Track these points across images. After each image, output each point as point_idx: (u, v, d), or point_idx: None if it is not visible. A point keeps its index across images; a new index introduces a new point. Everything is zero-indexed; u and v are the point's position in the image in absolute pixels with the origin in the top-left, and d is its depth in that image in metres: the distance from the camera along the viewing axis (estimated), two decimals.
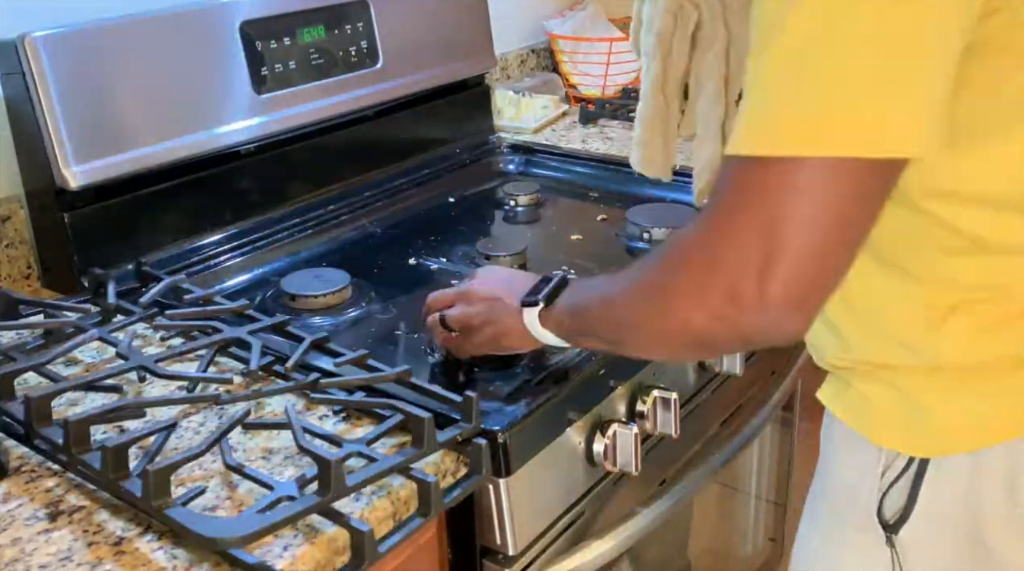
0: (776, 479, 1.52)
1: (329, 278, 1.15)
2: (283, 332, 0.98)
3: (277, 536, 0.71)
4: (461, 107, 1.61)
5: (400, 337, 1.07)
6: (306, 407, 0.89)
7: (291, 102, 1.31)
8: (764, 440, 1.45)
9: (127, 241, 1.17)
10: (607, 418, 0.98)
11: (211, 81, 1.23)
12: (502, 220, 1.44)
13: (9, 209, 1.16)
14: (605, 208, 1.44)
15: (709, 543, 1.46)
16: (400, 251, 1.30)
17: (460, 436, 0.81)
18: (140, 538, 0.72)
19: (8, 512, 0.76)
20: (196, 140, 1.21)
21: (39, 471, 0.81)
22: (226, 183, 1.27)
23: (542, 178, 1.56)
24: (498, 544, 0.89)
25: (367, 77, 1.41)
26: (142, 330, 1.01)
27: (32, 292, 1.18)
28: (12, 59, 1.07)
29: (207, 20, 1.22)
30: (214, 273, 1.22)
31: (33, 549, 0.72)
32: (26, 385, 0.91)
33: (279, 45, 1.30)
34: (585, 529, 1.00)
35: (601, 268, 1.23)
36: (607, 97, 1.86)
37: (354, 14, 1.39)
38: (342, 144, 1.42)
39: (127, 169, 1.15)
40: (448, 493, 0.81)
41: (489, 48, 1.63)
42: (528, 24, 1.92)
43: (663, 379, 1.06)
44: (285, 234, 1.31)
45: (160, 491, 0.71)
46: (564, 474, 0.95)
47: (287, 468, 0.80)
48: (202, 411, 0.88)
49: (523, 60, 1.91)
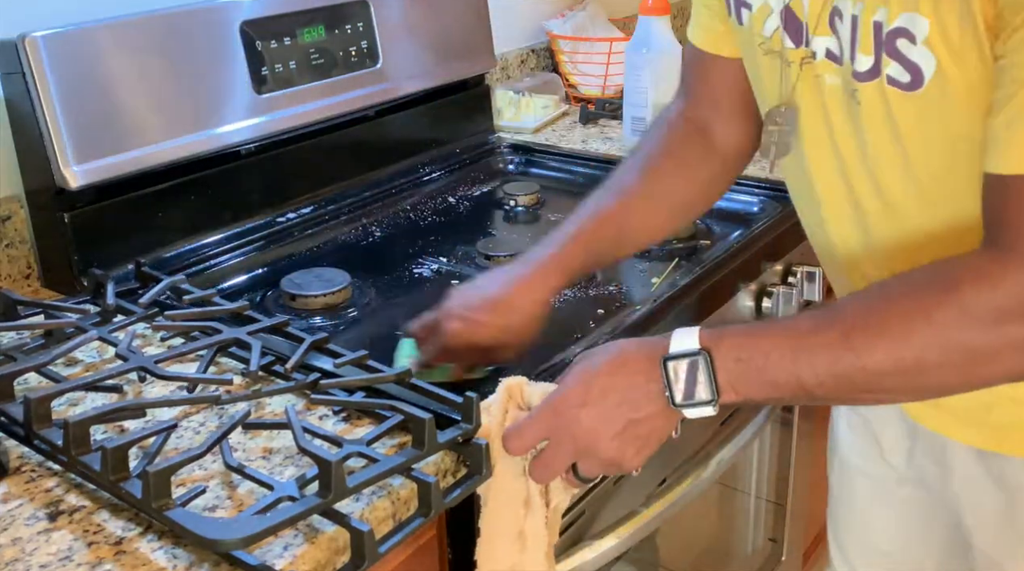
0: (776, 479, 1.52)
1: (329, 278, 1.15)
2: (283, 333, 0.98)
3: (277, 536, 0.71)
4: (461, 107, 1.61)
5: (400, 337, 1.07)
6: (306, 407, 0.89)
7: (291, 102, 1.31)
8: (764, 440, 1.45)
9: (127, 241, 1.17)
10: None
11: (211, 81, 1.23)
12: (502, 220, 1.44)
13: (9, 209, 1.16)
14: None
15: (709, 543, 1.46)
16: (400, 251, 1.30)
17: (461, 437, 0.81)
18: (140, 538, 0.72)
19: (8, 512, 0.76)
20: (196, 140, 1.21)
21: (39, 471, 0.81)
22: (226, 183, 1.27)
23: (542, 178, 1.56)
24: None
25: (367, 77, 1.41)
26: (142, 330, 1.01)
27: (32, 292, 1.18)
28: (12, 59, 1.07)
29: (207, 20, 1.22)
30: (214, 273, 1.22)
31: (33, 549, 0.72)
32: (26, 386, 0.91)
33: (279, 45, 1.30)
34: (585, 529, 1.00)
35: (601, 268, 1.23)
36: (607, 97, 1.86)
37: (354, 14, 1.39)
38: (342, 144, 1.42)
39: (127, 169, 1.15)
40: (448, 493, 0.81)
41: (489, 48, 1.63)
42: (528, 24, 1.92)
43: None
44: (285, 234, 1.31)
45: (160, 492, 0.71)
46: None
47: (287, 468, 0.80)
48: (202, 411, 0.88)
49: (523, 60, 1.91)
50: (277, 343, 0.96)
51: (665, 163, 1.01)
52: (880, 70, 0.75)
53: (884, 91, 0.75)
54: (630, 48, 1.59)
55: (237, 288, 1.21)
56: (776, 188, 1.42)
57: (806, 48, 0.81)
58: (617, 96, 1.83)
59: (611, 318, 1.07)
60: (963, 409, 0.86)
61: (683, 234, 1.28)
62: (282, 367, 0.91)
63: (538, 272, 0.94)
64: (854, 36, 0.76)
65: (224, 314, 1.00)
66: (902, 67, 0.73)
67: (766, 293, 1.25)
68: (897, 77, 0.73)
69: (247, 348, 0.93)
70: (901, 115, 0.75)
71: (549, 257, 0.95)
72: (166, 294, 1.05)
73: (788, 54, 0.83)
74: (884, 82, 0.75)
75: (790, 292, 1.25)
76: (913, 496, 1.01)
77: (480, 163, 1.60)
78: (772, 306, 1.25)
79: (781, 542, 1.58)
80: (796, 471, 1.53)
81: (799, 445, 1.52)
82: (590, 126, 1.76)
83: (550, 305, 0.95)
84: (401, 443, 0.82)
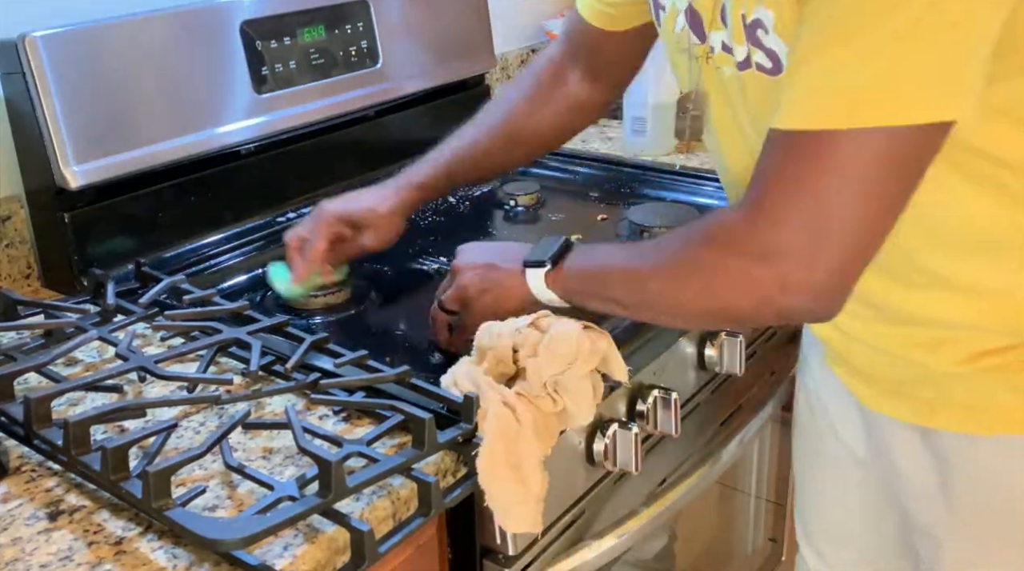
0: (776, 479, 1.52)
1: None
2: (283, 332, 0.98)
3: (277, 536, 0.71)
4: (461, 107, 1.61)
5: (400, 337, 1.07)
6: (306, 407, 0.89)
7: (291, 102, 1.31)
8: (764, 440, 1.45)
9: (127, 241, 1.17)
10: (607, 418, 0.98)
11: (211, 81, 1.23)
12: (502, 220, 1.44)
13: (9, 209, 1.16)
14: (605, 208, 1.44)
15: (709, 543, 1.46)
16: (400, 251, 1.29)
17: (461, 437, 0.81)
18: (140, 538, 0.72)
19: (8, 512, 0.76)
20: (196, 140, 1.21)
21: (39, 471, 0.81)
22: (226, 183, 1.27)
23: (542, 178, 1.56)
24: (498, 544, 0.89)
25: (367, 77, 1.41)
26: (142, 330, 1.01)
27: (32, 292, 1.18)
28: (12, 59, 1.07)
29: (207, 20, 1.22)
30: (214, 273, 1.22)
31: (33, 549, 0.72)
32: (26, 386, 0.91)
33: (279, 45, 1.30)
34: (585, 529, 1.00)
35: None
36: None
37: (354, 14, 1.39)
38: (342, 144, 1.42)
39: (127, 169, 1.15)
40: (448, 493, 0.81)
41: (489, 48, 1.63)
42: (528, 24, 1.92)
43: (663, 379, 1.06)
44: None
45: (160, 492, 0.71)
46: (564, 474, 0.95)
47: (287, 468, 0.80)
48: (202, 411, 0.88)
49: (523, 60, 1.91)
50: (277, 343, 0.96)
51: (525, 107, 1.17)
52: (751, 59, 0.81)
53: (757, 77, 0.81)
54: None
55: (237, 288, 1.20)
56: None
57: (706, 44, 0.88)
58: None
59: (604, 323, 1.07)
60: (895, 382, 0.91)
61: None
62: (282, 367, 0.91)
63: (397, 191, 1.11)
64: (733, 29, 0.82)
65: (224, 314, 1.00)
66: (764, 54, 0.79)
67: None
68: (763, 63, 0.80)
69: (247, 348, 0.93)
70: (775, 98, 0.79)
71: (407, 179, 1.12)
72: (166, 294, 1.05)
73: (695, 49, 0.90)
74: (755, 69, 0.81)
75: None
76: (868, 478, 1.04)
77: None
78: None
79: (781, 542, 1.58)
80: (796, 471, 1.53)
81: None
82: (590, 126, 1.76)
83: (408, 219, 1.12)
84: (401, 443, 0.82)
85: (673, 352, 1.08)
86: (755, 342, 1.28)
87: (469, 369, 0.86)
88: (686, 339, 1.11)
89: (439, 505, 0.78)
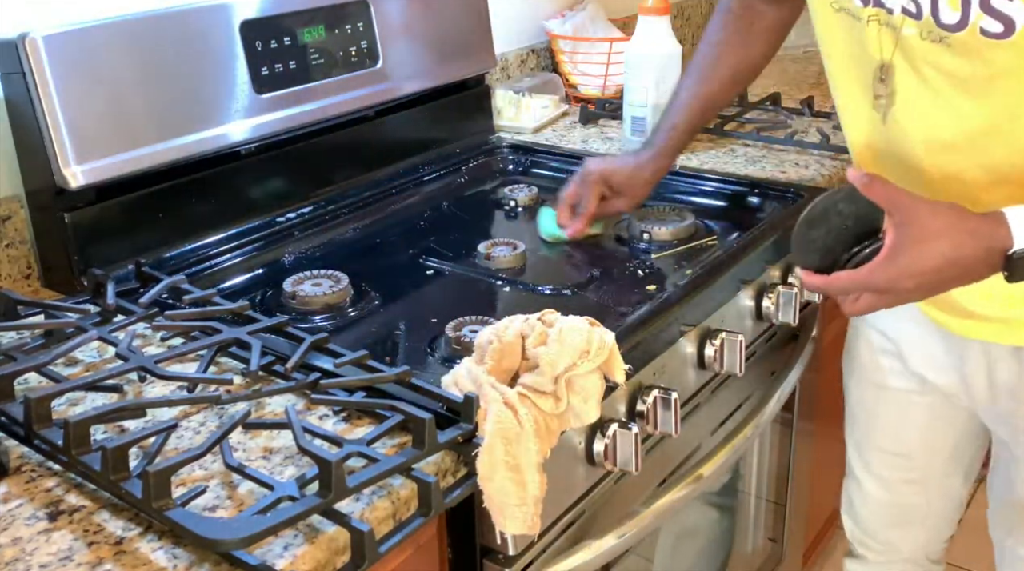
0: (776, 479, 1.52)
1: (329, 278, 1.15)
2: (283, 332, 0.98)
3: (277, 536, 0.71)
4: (461, 107, 1.61)
5: (400, 337, 1.07)
6: (306, 407, 0.89)
7: (291, 102, 1.31)
8: (764, 440, 1.45)
9: (127, 241, 1.17)
10: (607, 418, 0.98)
11: (211, 81, 1.23)
12: (502, 220, 1.44)
13: (9, 209, 1.16)
14: None
15: (709, 543, 1.46)
16: (400, 251, 1.30)
17: (461, 437, 0.81)
18: (140, 538, 0.72)
19: (8, 512, 0.76)
20: (196, 140, 1.21)
21: (39, 471, 0.81)
22: (226, 183, 1.27)
23: (542, 178, 1.56)
24: (498, 544, 0.89)
25: (367, 77, 1.41)
26: (142, 330, 1.01)
27: (32, 292, 1.18)
28: (13, 59, 1.07)
29: (207, 20, 1.22)
30: (214, 273, 1.22)
31: (33, 549, 0.72)
32: (26, 386, 0.92)
33: (279, 45, 1.30)
34: (585, 529, 1.00)
35: (602, 267, 1.23)
36: (607, 97, 1.86)
37: (354, 14, 1.39)
38: (342, 144, 1.42)
39: (127, 169, 1.15)
40: (448, 493, 0.81)
41: (489, 48, 1.63)
42: (528, 24, 1.92)
43: (663, 379, 1.06)
44: (285, 234, 1.31)
45: (160, 492, 0.71)
46: (564, 474, 0.95)
47: (287, 468, 0.80)
48: (202, 411, 0.88)
49: (523, 60, 1.91)
50: (277, 343, 0.96)
51: (737, 42, 1.29)
52: (968, 21, 0.86)
53: (975, 41, 0.86)
54: (630, 48, 1.59)
55: (237, 288, 1.21)
56: (776, 187, 1.42)
57: (874, 7, 0.93)
58: (617, 96, 1.83)
59: (608, 319, 1.07)
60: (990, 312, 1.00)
61: (683, 234, 1.29)
62: (282, 367, 0.91)
63: (654, 159, 1.29)
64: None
65: (224, 314, 1.00)
66: (992, 18, 0.84)
67: (766, 293, 1.25)
68: (989, 27, 0.85)
69: (247, 348, 0.93)
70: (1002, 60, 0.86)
71: (660, 147, 1.29)
72: (166, 294, 1.05)
73: (857, 11, 0.96)
74: (978, 33, 0.86)
75: (790, 292, 1.25)
76: (935, 403, 1.17)
77: (480, 163, 1.60)
78: (772, 306, 1.25)
79: (781, 542, 1.58)
80: (796, 471, 1.54)
81: (799, 445, 1.52)
82: (590, 126, 1.76)
83: (657, 183, 1.31)
84: (401, 443, 0.82)
85: (673, 352, 1.08)
86: (755, 342, 1.28)
87: (470, 369, 0.86)
88: (686, 339, 1.11)
89: (439, 505, 0.78)
